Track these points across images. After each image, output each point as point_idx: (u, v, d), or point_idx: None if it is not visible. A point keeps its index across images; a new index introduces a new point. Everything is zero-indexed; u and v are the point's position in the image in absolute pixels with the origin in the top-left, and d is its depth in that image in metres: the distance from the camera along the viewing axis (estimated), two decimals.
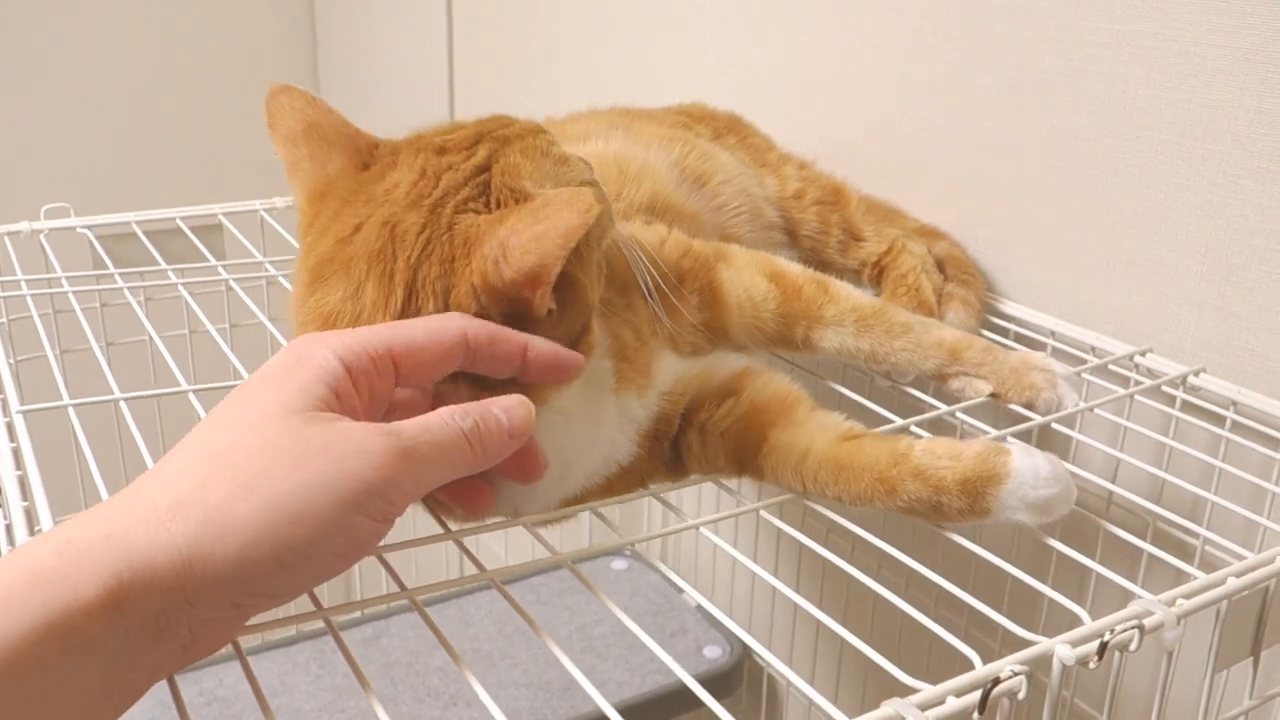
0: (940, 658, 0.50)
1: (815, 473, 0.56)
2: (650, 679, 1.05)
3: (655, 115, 0.89)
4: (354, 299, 0.50)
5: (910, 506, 0.54)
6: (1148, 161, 0.76)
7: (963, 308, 0.82)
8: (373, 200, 0.52)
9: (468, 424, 0.45)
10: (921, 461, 0.54)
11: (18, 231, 0.96)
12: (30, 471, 0.55)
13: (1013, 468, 0.53)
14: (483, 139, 0.55)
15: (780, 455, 0.57)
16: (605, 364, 0.57)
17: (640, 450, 0.59)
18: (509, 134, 0.56)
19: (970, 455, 0.54)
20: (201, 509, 0.39)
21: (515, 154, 0.54)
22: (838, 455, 0.56)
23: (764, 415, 0.59)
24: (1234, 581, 0.49)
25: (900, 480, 0.54)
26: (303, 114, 0.56)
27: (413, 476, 0.43)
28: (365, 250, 0.51)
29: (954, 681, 0.41)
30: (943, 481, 0.54)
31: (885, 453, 0.55)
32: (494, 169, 0.53)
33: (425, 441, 0.43)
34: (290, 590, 0.42)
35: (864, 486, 0.55)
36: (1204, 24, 0.71)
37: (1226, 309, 0.73)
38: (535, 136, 0.56)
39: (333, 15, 2.01)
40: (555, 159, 0.55)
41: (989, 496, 0.53)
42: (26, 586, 0.35)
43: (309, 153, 0.56)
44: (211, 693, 1.02)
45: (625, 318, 0.60)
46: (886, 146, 0.96)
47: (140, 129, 1.93)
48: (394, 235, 0.50)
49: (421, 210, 0.51)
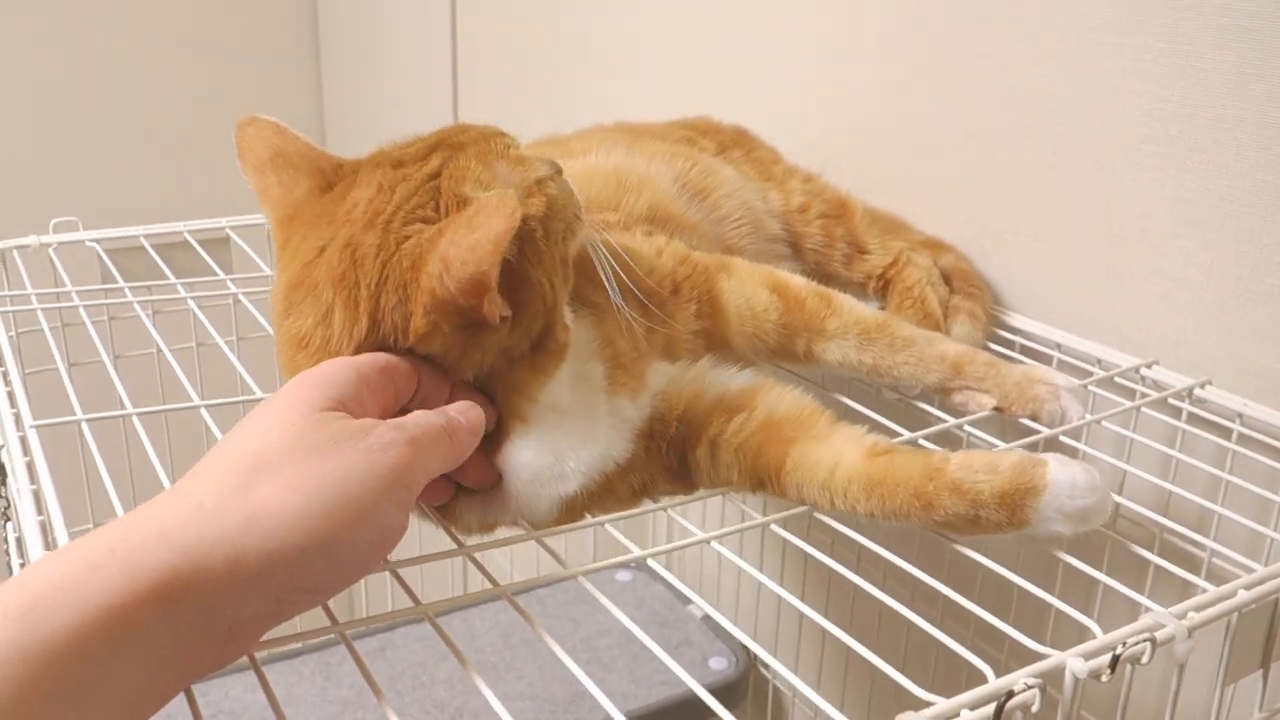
0: (946, 669, 0.50)
1: (845, 489, 0.55)
2: (656, 690, 1.05)
3: (659, 131, 0.90)
4: (324, 324, 0.52)
5: (947, 521, 0.54)
6: (1153, 175, 0.76)
7: (969, 320, 0.82)
8: (335, 221, 0.54)
9: (442, 420, 0.49)
10: (958, 475, 0.54)
11: (27, 245, 0.96)
12: (44, 486, 0.55)
13: (1050, 479, 0.53)
14: (438, 147, 0.56)
15: (806, 471, 0.57)
16: (596, 367, 0.58)
17: (638, 449, 0.59)
18: (464, 139, 0.56)
19: (1007, 467, 0.54)
20: (247, 504, 0.40)
21: (467, 158, 0.54)
22: (869, 471, 0.55)
23: (781, 430, 0.59)
24: (1244, 594, 0.49)
25: (937, 495, 0.54)
26: (269, 142, 0.58)
27: (422, 465, 0.46)
28: (329, 274, 0.52)
29: (967, 695, 0.41)
30: (980, 495, 0.53)
31: (919, 468, 0.54)
32: (443, 175, 0.54)
33: (423, 433, 0.47)
34: (330, 584, 0.43)
35: (899, 503, 0.54)
36: (1207, 37, 0.71)
37: (1232, 321, 0.73)
38: (491, 140, 0.57)
39: (337, 34, 2.02)
40: (511, 160, 0.55)
41: (1027, 509, 0.53)
42: (85, 576, 0.36)
43: (276, 179, 0.57)
44: (218, 704, 1.02)
45: (616, 320, 0.60)
46: (892, 158, 0.96)
47: (148, 143, 1.93)
48: (354, 259, 0.52)
49: (377, 229, 0.52)
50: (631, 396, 0.59)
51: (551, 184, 0.56)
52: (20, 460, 0.58)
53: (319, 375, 0.48)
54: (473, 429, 0.51)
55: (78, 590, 0.36)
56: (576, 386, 0.57)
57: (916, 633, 0.49)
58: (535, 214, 0.53)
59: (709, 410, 0.61)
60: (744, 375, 0.63)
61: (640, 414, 0.59)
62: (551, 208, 0.54)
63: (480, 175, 0.54)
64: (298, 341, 0.53)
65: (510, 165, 0.55)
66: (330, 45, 2.05)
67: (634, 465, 0.59)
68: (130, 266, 0.95)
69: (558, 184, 0.56)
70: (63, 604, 0.35)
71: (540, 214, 0.53)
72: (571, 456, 0.56)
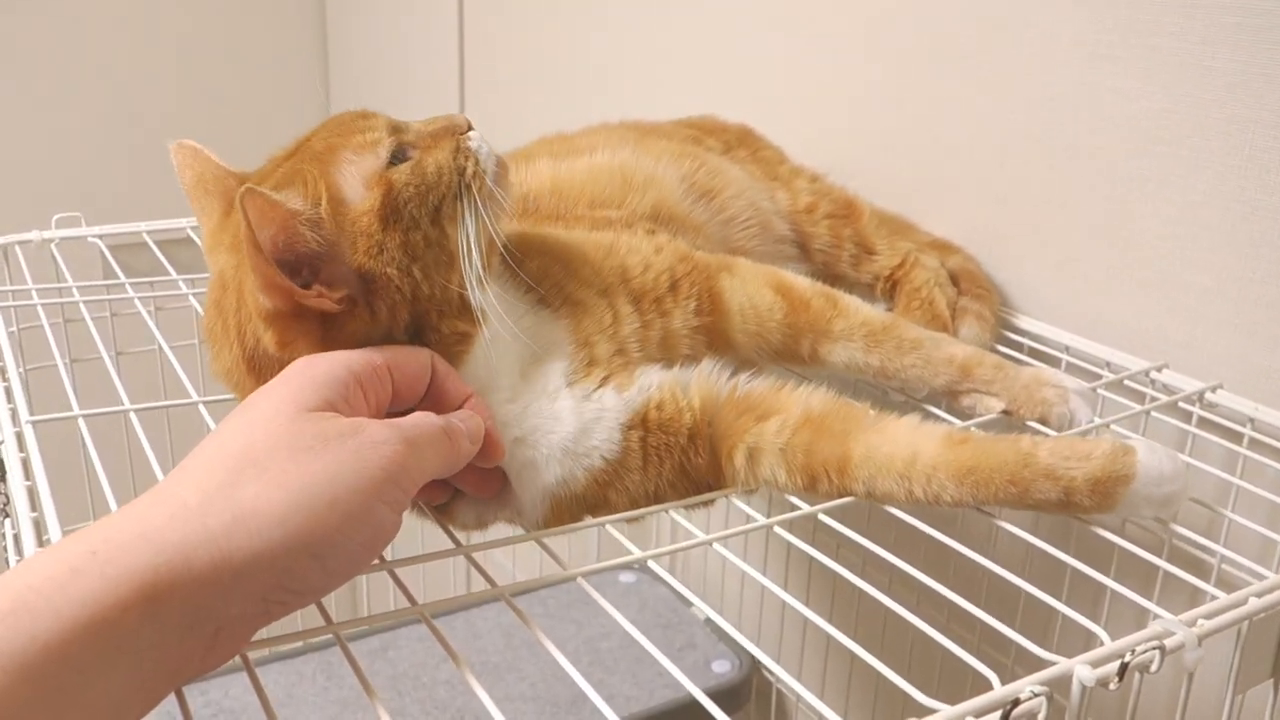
0: (950, 674, 0.50)
1: (929, 477, 0.55)
2: (658, 693, 1.04)
3: (666, 130, 0.89)
4: (225, 354, 0.54)
5: (1038, 504, 0.55)
6: (1163, 176, 0.76)
7: (977, 322, 0.81)
8: (221, 247, 0.55)
9: (441, 423, 0.49)
10: (1050, 462, 0.55)
11: (29, 241, 0.96)
12: (39, 482, 0.54)
13: (1140, 468, 0.55)
14: (292, 155, 0.55)
15: (879, 463, 0.56)
16: (556, 364, 0.58)
17: (631, 446, 0.58)
18: (314, 143, 0.55)
19: (1100, 455, 0.55)
20: (232, 503, 0.40)
21: (303, 161, 0.53)
22: (959, 459, 0.55)
23: (828, 425, 0.58)
24: (1255, 601, 0.48)
25: (1033, 481, 0.55)
26: (191, 169, 0.58)
27: (417, 465, 0.46)
28: (214, 303, 0.54)
29: (973, 702, 0.40)
30: (1074, 482, 0.54)
31: (1011, 455, 0.55)
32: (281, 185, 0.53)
33: (419, 434, 0.46)
34: (318, 585, 0.42)
35: (995, 490, 0.55)
36: (1219, 39, 0.71)
37: (1243, 325, 0.73)
38: (340, 134, 0.55)
39: (345, 30, 2.02)
40: (355, 149, 0.53)
41: (1117, 495, 0.54)
42: (65, 581, 0.35)
43: (200, 206, 0.58)
44: (218, 704, 1.02)
45: (600, 315, 0.60)
46: (899, 160, 0.96)
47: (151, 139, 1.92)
48: (223, 285, 0.54)
49: (235, 251, 0.53)
50: (618, 386, 0.58)
51: (399, 172, 0.53)
52: (16, 456, 0.58)
53: (308, 372, 0.47)
54: (473, 435, 0.51)
55: (58, 594, 0.35)
56: (530, 371, 0.57)
57: (921, 638, 0.49)
58: (367, 208, 0.52)
59: (733, 412, 0.60)
60: (761, 379, 0.62)
61: (626, 404, 0.58)
62: (391, 196, 0.52)
63: (304, 176, 0.52)
64: (226, 379, 0.55)
65: (355, 156, 0.53)
66: (338, 40, 2.05)
67: (628, 465, 0.58)
68: (132, 262, 0.94)
69: (407, 171, 0.53)
70: (43, 609, 0.34)
71: (374, 207, 0.52)
72: (542, 440, 0.57)
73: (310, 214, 0.50)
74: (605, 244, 0.65)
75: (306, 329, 0.51)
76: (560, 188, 0.74)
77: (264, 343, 0.51)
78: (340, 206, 0.52)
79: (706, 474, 0.60)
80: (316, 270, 0.51)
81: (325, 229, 0.51)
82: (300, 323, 0.51)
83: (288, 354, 0.51)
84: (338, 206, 0.52)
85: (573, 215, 0.72)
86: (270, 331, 0.51)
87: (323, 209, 0.51)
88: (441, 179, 0.54)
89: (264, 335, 0.51)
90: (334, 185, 0.52)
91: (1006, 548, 0.61)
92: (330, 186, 0.52)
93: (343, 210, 0.52)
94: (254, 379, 0.52)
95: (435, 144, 0.55)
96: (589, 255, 0.63)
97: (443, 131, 0.56)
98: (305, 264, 0.50)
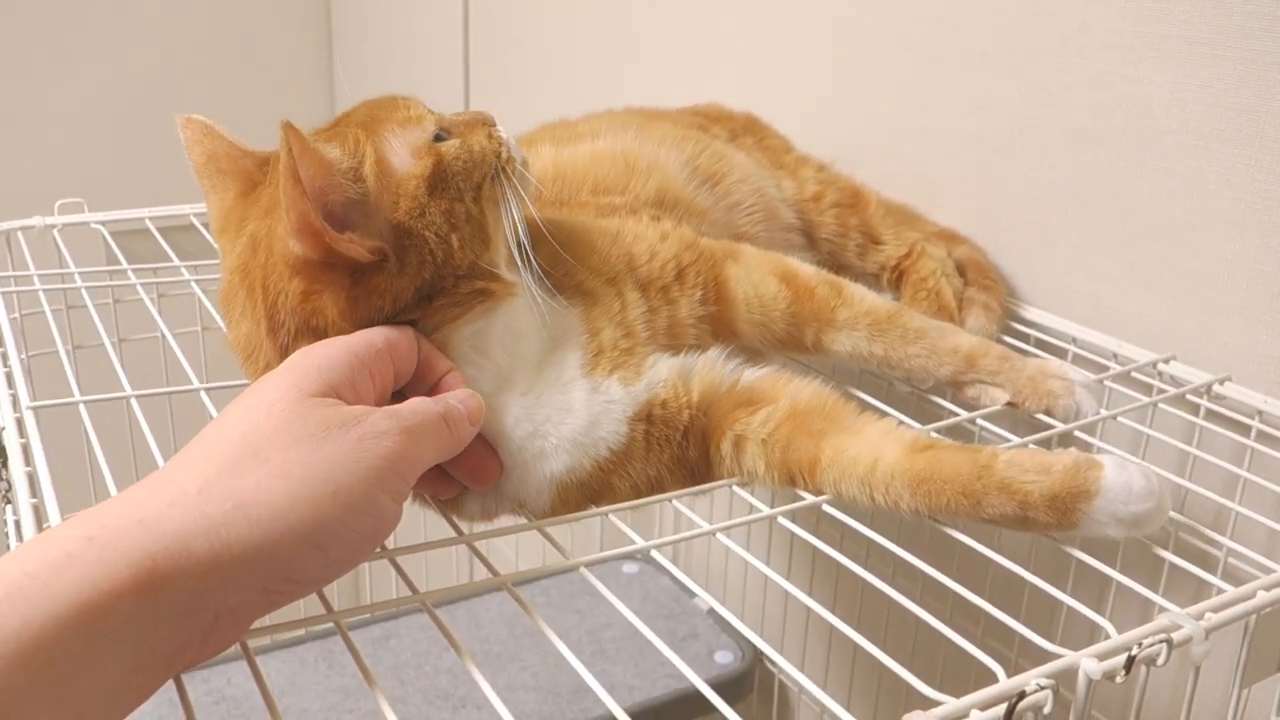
0: (954, 666, 0.49)
1: (888, 485, 0.54)
2: (661, 683, 1.04)
3: (670, 116, 0.88)
4: (247, 322, 0.53)
5: (994, 519, 0.53)
6: (1172, 166, 0.75)
7: (983, 313, 0.81)
8: (248, 219, 0.54)
9: (440, 407, 0.48)
10: (1006, 475, 0.52)
11: (31, 226, 0.96)
12: (39, 468, 0.54)
13: (1104, 484, 0.51)
14: (335, 125, 0.56)
15: (843, 467, 0.55)
16: (570, 354, 0.58)
17: (635, 436, 0.58)
18: (359, 115, 0.56)
19: (1059, 469, 0.52)
20: (233, 491, 0.39)
21: (353, 128, 0.54)
22: (915, 467, 0.54)
23: (808, 422, 0.58)
24: (1264, 595, 0.48)
25: (985, 494, 0.52)
26: (202, 145, 0.58)
27: (417, 454, 0.45)
28: (239, 268, 0.53)
29: (977, 695, 0.40)
30: (1029, 497, 0.52)
31: (967, 465, 0.53)
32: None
33: (418, 422, 0.46)
34: (319, 575, 0.42)
35: (946, 500, 0.53)
36: (1231, 26, 0.70)
37: (1252, 316, 0.72)
38: (385, 109, 0.56)
39: (348, 18, 2.01)
40: (400, 124, 0.55)
41: (1078, 512, 0.52)
42: (61, 566, 0.35)
43: (210, 185, 0.57)
44: (220, 691, 1.02)
45: (609, 305, 0.60)
46: (907, 149, 0.95)
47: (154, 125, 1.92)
48: (253, 248, 0.53)
49: (269, 216, 0.52)
50: (623, 379, 0.58)
51: (449, 146, 0.55)
52: (17, 442, 0.58)
53: (310, 359, 0.47)
54: (471, 417, 0.50)
55: (54, 580, 0.35)
56: (545, 361, 0.57)
57: (925, 629, 0.48)
58: (417, 173, 0.53)
59: (729, 403, 0.60)
60: (761, 369, 0.62)
61: (633, 397, 0.58)
62: (441, 166, 0.54)
63: (349, 136, 0.53)
64: (241, 350, 0.54)
65: (400, 129, 0.55)
66: (342, 31, 2.05)
67: (632, 455, 0.58)
68: (135, 249, 0.94)
69: (456, 146, 0.55)
70: (38, 595, 0.34)
71: (424, 173, 0.53)
72: (552, 431, 0.56)
73: (350, 164, 0.51)
74: (611, 231, 0.64)
75: (333, 279, 0.50)
76: (563, 173, 0.73)
77: (289, 294, 0.51)
78: (387, 168, 0.53)
79: (698, 464, 0.60)
80: (348, 225, 0.50)
81: (365, 183, 0.51)
82: (328, 273, 0.50)
83: (310, 306, 0.50)
84: (384, 167, 0.53)
85: (576, 201, 0.71)
86: (297, 279, 0.50)
87: (367, 165, 0.52)
88: (485, 159, 0.56)
89: (290, 285, 0.50)
90: (380, 150, 0.53)
91: (1011, 539, 0.61)
92: (377, 150, 0.53)
93: (388, 171, 0.53)
94: (272, 340, 0.52)
95: (469, 130, 0.57)
96: (596, 243, 0.63)
97: (474, 120, 0.58)
98: (338, 217, 0.50)
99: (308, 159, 0.48)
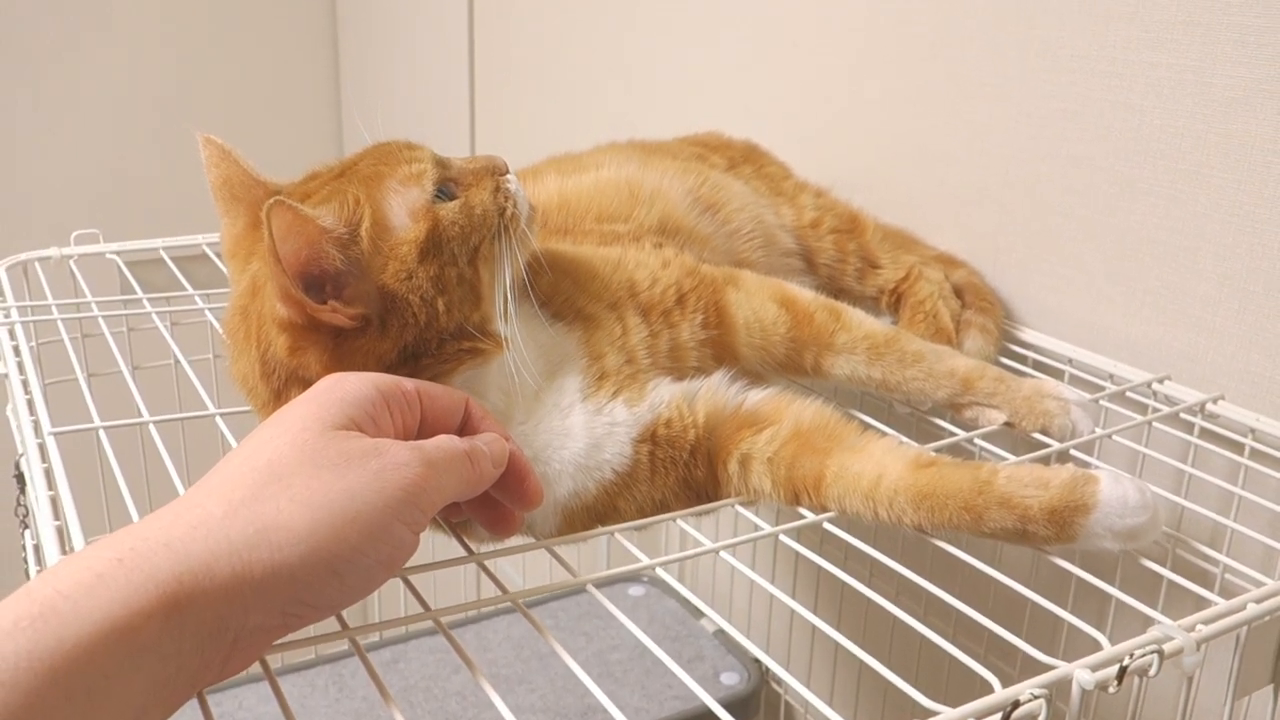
0: (958, 684, 0.50)
1: (891, 501, 0.55)
2: (668, 704, 1.05)
3: (671, 149, 0.90)
4: (244, 360, 0.55)
5: (995, 533, 0.54)
6: (1165, 190, 0.76)
7: (981, 335, 0.82)
8: (254, 254, 0.56)
9: (465, 445, 0.49)
10: (1006, 489, 0.54)
11: (48, 257, 0.98)
12: (61, 492, 0.56)
13: (1101, 497, 0.53)
14: (340, 176, 0.56)
15: (848, 483, 0.57)
16: (569, 380, 0.59)
17: (640, 459, 0.59)
18: (363, 168, 0.56)
19: (1057, 484, 0.54)
20: (256, 516, 0.40)
21: (355, 186, 0.54)
22: (917, 483, 0.55)
23: (812, 441, 0.59)
24: (1254, 607, 0.49)
25: (986, 509, 0.54)
26: (219, 169, 0.58)
27: (437, 487, 0.46)
28: (241, 309, 0.55)
29: (973, 705, 0.41)
30: (1029, 511, 0.53)
31: (969, 481, 0.54)
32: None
33: (441, 457, 0.47)
34: (337, 601, 0.43)
35: (948, 515, 0.54)
36: (1219, 55, 0.72)
37: (1245, 336, 0.73)
38: (388, 164, 0.56)
39: (356, 47, 2.04)
40: (402, 181, 0.55)
41: (1076, 526, 0.53)
42: (92, 587, 0.36)
43: (224, 208, 0.58)
44: (231, 715, 1.03)
45: (611, 330, 0.61)
46: (903, 174, 0.97)
47: (168, 157, 1.95)
48: (253, 292, 0.54)
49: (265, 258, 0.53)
50: (628, 401, 0.59)
51: (447, 210, 0.55)
52: (39, 467, 0.59)
53: (335, 391, 0.48)
54: (496, 459, 0.51)
55: (85, 600, 0.36)
56: (543, 388, 0.58)
57: (929, 647, 0.49)
58: (410, 238, 0.53)
59: (734, 424, 0.61)
60: (765, 390, 0.63)
61: (637, 419, 0.59)
62: (437, 232, 0.54)
63: (347, 197, 0.53)
64: (241, 384, 0.56)
65: (401, 187, 0.55)
66: (349, 59, 2.07)
67: (637, 477, 0.59)
68: (150, 278, 0.96)
69: (455, 210, 0.55)
70: (70, 614, 0.35)
71: (417, 238, 0.53)
72: (554, 457, 0.57)
73: (340, 233, 0.52)
74: (613, 258, 0.66)
75: (317, 340, 0.52)
76: (568, 202, 0.75)
77: (276, 347, 0.52)
78: (383, 231, 0.53)
79: (705, 484, 0.61)
80: (340, 287, 0.52)
81: (354, 249, 0.52)
82: (312, 334, 0.52)
83: (296, 361, 0.52)
84: (380, 230, 0.53)
85: (580, 229, 0.73)
86: (283, 337, 0.52)
87: (363, 229, 0.52)
88: (486, 221, 0.56)
89: (277, 340, 0.52)
90: (379, 210, 0.54)
91: (1013, 557, 0.62)
92: (375, 210, 0.53)
93: (384, 235, 0.53)
94: (265, 384, 0.54)
95: (476, 182, 0.57)
96: (597, 270, 0.64)
97: (484, 170, 0.58)
98: (329, 279, 0.51)
99: (291, 234, 0.49)
